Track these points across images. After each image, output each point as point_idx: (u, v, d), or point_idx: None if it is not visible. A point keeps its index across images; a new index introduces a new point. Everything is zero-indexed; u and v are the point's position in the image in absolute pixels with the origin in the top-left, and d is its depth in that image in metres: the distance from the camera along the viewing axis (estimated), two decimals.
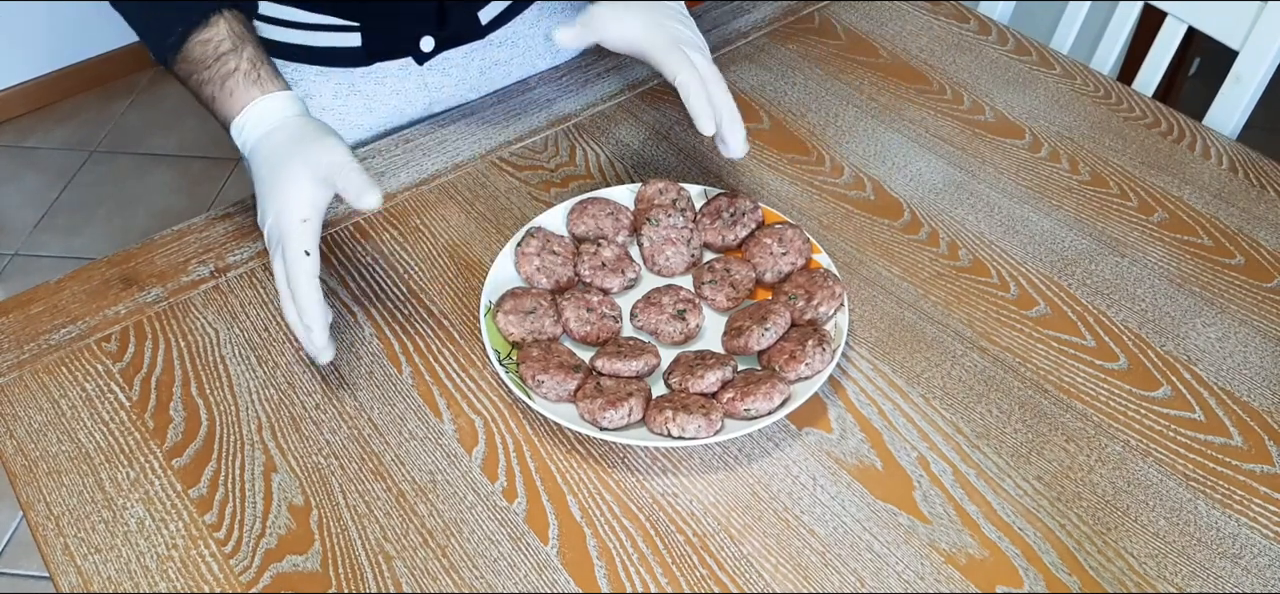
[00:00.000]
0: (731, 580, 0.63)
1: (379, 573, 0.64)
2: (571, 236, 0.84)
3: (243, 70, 0.75)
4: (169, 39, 0.76)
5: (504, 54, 1.03)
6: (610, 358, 0.73)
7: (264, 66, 0.76)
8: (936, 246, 0.86)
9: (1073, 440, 0.71)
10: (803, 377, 0.72)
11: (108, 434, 0.71)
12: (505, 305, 0.76)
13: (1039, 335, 0.79)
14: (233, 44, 0.76)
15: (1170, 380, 0.75)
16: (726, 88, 0.80)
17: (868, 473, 0.69)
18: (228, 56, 0.76)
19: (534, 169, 0.94)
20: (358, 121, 0.99)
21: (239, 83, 0.75)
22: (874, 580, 0.63)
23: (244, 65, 0.76)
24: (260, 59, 0.77)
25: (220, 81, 0.75)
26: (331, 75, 0.96)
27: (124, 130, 2.56)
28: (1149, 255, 0.85)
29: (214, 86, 0.76)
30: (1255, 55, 1.03)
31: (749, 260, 0.82)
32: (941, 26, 1.14)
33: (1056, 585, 0.63)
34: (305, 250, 0.69)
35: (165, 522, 0.66)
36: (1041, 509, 0.67)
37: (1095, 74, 1.06)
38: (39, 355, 0.77)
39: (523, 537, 0.65)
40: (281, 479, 0.68)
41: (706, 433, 0.68)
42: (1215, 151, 0.96)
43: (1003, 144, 0.97)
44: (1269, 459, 0.70)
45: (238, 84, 0.75)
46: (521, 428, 0.72)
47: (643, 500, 0.67)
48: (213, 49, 0.76)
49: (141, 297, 0.81)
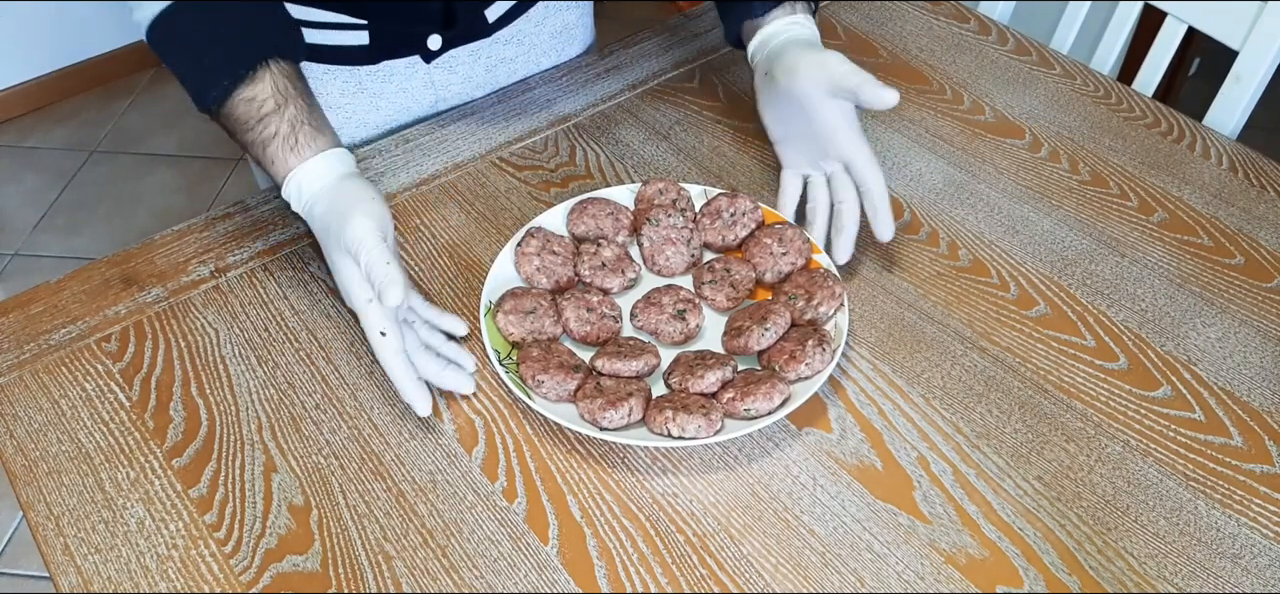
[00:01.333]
0: (731, 580, 0.63)
1: (379, 573, 0.64)
2: (571, 236, 0.84)
3: (282, 135, 0.73)
4: (213, 92, 0.74)
5: (510, 52, 1.04)
6: (610, 358, 0.73)
7: (303, 129, 0.74)
8: (936, 246, 0.86)
9: (1073, 440, 0.71)
10: (803, 377, 0.72)
11: (108, 434, 0.71)
12: (505, 305, 0.76)
13: (1039, 335, 0.79)
14: (276, 103, 0.73)
15: (1170, 380, 0.75)
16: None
17: (868, 473, 0.69)
18: (269, 119, 0.73)
19: (534, 169, 0.94)
20: (364, 119, 0.99)
21: (278, 150, 0.74)
22: (874, 580, 0.63)
23: (284, 129, 0.73)
24: (299, 120, 0.74)
25: (262, 147, 0.74)
26: (338, 73, 0.96)
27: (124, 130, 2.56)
28: (1149, 255, 0.85)
29: (257, 149, 0.74)
30: (1255, 55, 1.03)
31: (749, 260, 0.82)
32: (941, 26, 1.14)
33: (1056, 585, 0.63)
34: (381, 331, 0.70)
35: (165, 522, 0.66)
36: (1041, 509, 0.67)
37: (1095, 74, 1.06)
38: (39, 355, 0.77)
39: (523, 537, 0.65)
40: (281, 479, 0.68)
41: (706, 433, 0.68)
42: (1215, 151, 0.96)
43: (1003, 144, 0.97)
44: (1269, 459, 0.70)
45: (278, 152, 0.74)
46: (521, 428, 0.72)
47: (643, 500, 0.67)
48: (256, 109, 0.73)
49: (141, 296, 0.81)
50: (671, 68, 1.06)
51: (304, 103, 0.75)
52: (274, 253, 0.85)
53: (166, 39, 0.75)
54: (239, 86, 0.73)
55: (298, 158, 0.74)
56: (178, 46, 0.75)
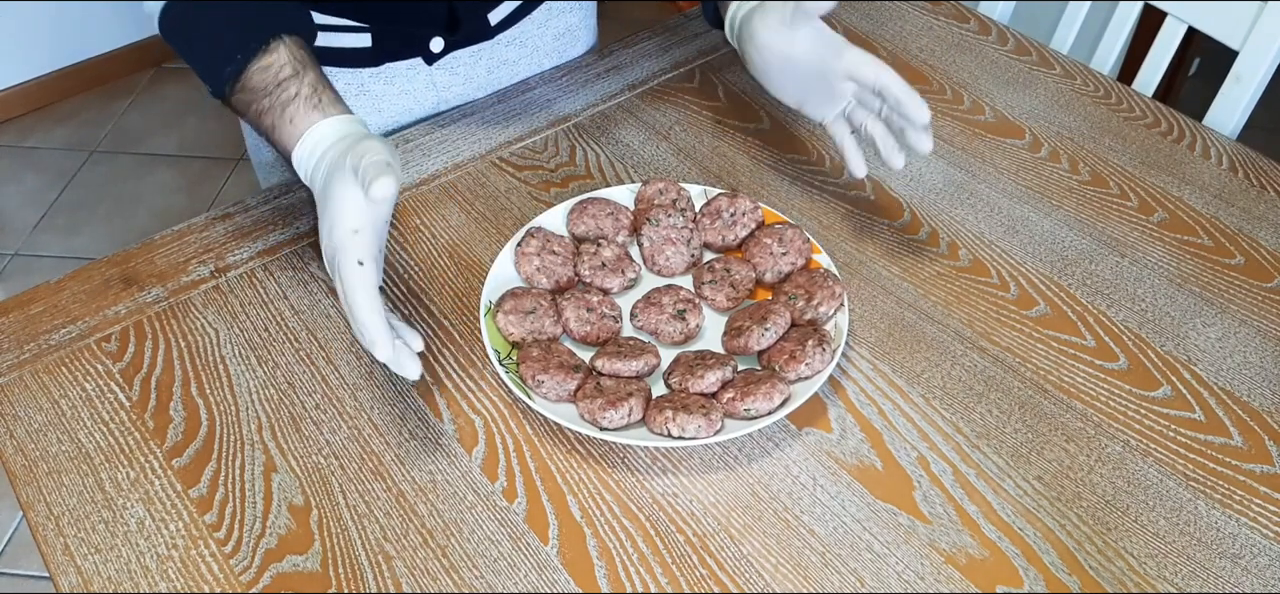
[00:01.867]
0: (731, 580, 0.63)
1: (379, 573, 0.64)
2: (571, 236, 0.84)
3: (304, 95, 0.73)
4: (228, 68, 0.73)
5: (512, 53, 1.04)
6: (610, 358, 0.73)
7: (325, 91, 0.74)
8: (936, 246, 0.86)
9: (1073, 440, 0.71)
10: (803, 377, 0.72)
11: (108, 434, 0.71)
12: (505, 305, 0.76)
13: (1039, 335, 0.79)
14: (294, 69, 0.73)
15: (1170, 380, 0.75)
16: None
17: (868, 473, 0.69)
18: (288, 82, 0.73)
19: (534, 169, 0.94)
20: (366, 121, 0.99)
21: (300, 108, 0.73)
22: (874, 580, 0.63)
23: (305, 90, 0.73)
24: (322, 84, 0.74)
25: (280, 108, 0.73)
26: (341, 75, 0.96)
27: (124, 130, 2.56)
28: (1149, 255, 0.85)
29: (274, 114, 0.73)
30: (1255, 55, 1.03)
31: (749, 260, 0.82)
32: (941, 26, 1.14)
33: (1056, 585, 0.63)
34: (359, 260, 0.66)
35: (165, 522, 0.66)
36: (1041, 509, 0.67)
37: (1095, 74, 1.06)
38: (39, 355, 0.77)
39: (523, 537, 0.65)
40: (281, 479, 0.68)
41: (706, 433, 0.68)
42: (1215, 151, 0.96)
43: (1003, 144, 0.97)
44: (1269, 459, 0.70)
45: (299, 109, 0.73)
46: (521, 428, 0.72)
47: (643, 500, 0.67)
48: (273, 75, 0.73)
49: (141, 296, 0.81)
50: (671, 68, 1.06)
51: (320, 74, 0.75)
52: (274, 253, 0.85)
53: (179, 26, 0.75)
54: (254, 59, 0.73)
55: (322, 114, 0.73)
56: (190, 31, 0.75)
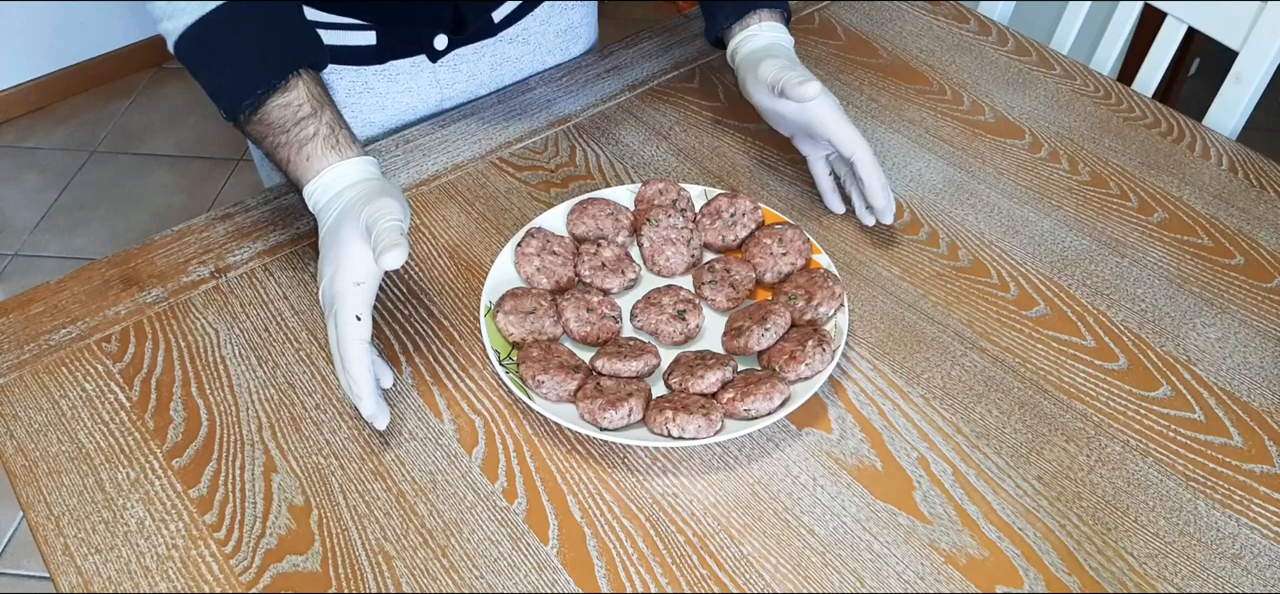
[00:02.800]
0: (731, 580, 0.63)
1: (379, 573, 0.64)
2: (571, 237, 0.84)
3: (322, 135, 0.74)
4: (246, 101, 0.74)
5: (515, 51, 1.04)
6: (610, 358, 0.73)
7: (342, 131, 0.75)
8: (936, 247, 0.86)
9: (1073, 440, 0.71)
10: (803, 377, 0.72)
11: (108, 434, 0.71)
12: (505, 306, 0.76)
13: (1039, 335, 0.79)
14: (312, 107, 0.74)
15: (1170, 380, 0.75)
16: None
17: (868, 473, 0.69)
18: (307, 121, 0.74)
19: (534, 169, 0.94)
20: (370, 119, 0.99)
21: (317, 148, 0.74)
22: (874, 580, 0.63)
23: (323, 130, 0.74)
24: (339, 124, 0.76)
25: (298, 146, 0.74)
26: (344, 73, 0.96)
27: (124, 130, 2.56)
28: (1149, 255, 0.85)
29: (290, 149, 0.75)
30: (1255, 55, 1.03)
31: (749, 260, 0.82)
32: (941, 27, 1.14)
33: (1056, 585, 0.63)
34: (356, 315, 0.68)
35: (165, 522, 0.66)
36: (1041, 509, 0.67)
37: (1095, 74, 1.06)
38: (39, 355, 0.77)
39: (523, 537, 0.65)
40: (281, 479, 0.68)
41: (706, 433, 0.68)
42: (1215, 152, 0.96)
43: (1003, 144, 0.97)
44: (1269, 459, 0.70)
45: (316, 148, 0.74)
46: (521, 428, 0.72)
47: (643, 500, 0.67)
48: (293, 113, 0.74)
49: (141, 297, 0.81)
50: (671, 68, 1.06)
51: (336, 112, 0.76)
52: (274, 253, 0.85)
53: (196, 52, 0.76)
54: (274, 95, 0.74)
55: (339, 155, 0.75)
56: (207, 58, 0.76)
